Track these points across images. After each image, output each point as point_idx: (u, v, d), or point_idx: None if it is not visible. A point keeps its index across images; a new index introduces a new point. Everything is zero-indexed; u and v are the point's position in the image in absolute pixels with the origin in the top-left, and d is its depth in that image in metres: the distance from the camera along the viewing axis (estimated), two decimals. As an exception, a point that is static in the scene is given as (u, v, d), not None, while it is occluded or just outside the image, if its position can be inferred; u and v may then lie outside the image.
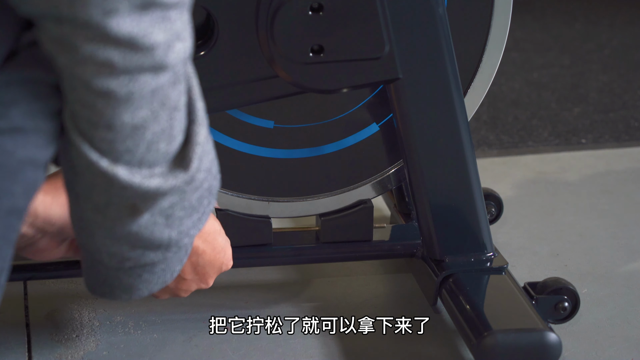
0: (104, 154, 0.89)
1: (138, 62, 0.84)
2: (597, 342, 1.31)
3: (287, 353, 1.28)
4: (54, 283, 1.42)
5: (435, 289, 1.30)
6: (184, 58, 0.88)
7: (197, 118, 0.94)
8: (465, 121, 1.27)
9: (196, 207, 0.99)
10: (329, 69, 1.24)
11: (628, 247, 1.55)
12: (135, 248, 0.98)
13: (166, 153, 0.92)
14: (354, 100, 1.32)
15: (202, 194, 0.98)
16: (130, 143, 0.89)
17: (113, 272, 1.02)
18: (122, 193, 0.92)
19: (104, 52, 0.82)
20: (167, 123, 0.90)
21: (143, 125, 0.88)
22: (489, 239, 1.31)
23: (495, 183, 1.73)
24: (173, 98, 0.89)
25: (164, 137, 0.90)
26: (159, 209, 0.95)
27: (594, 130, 2.02)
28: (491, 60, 1.31)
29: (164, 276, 1.05)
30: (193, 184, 0.96)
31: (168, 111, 0.89)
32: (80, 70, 0.83)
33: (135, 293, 1.06)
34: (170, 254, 1.01)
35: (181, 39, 0.86)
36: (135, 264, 1.01)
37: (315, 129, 1.33)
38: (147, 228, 0.96)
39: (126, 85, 0.85)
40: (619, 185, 1.75)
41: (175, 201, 0.96)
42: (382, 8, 1.21)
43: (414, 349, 1.29)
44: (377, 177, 1.36)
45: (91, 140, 0.88)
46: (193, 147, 0.94)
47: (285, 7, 1.20)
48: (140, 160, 0.90)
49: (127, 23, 0.82)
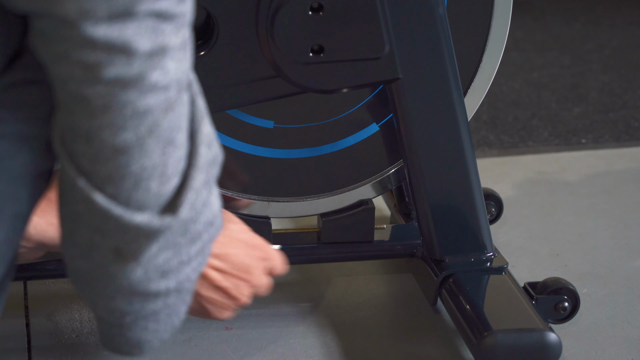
0: (85, 173, 0.84)
1: (117, 72, 0.79)
2: (597, 342, 1.31)
3: (287, 353, 1.28)
4: (54, 283, 1.42)
5: (435, 289, 1.30)
6: (178, 81, 0.82)
7: (197, 163, 0.87)
8: (465, 121, 1.27)
9: (196, 256, 0.93)
10: (329, 69, 1.24)
11: (628, 247, 1.55)
12: (132, 302, 0.92)
13: (158, 195, 0.85)
14: (354, 100, 1.32)
15: (203, 246, 0.93)
16: (113, 169, 0.83)
17: (117, 329, 0.96)
18: (103, 227, 0.85)
19: (78, 53, 0.78)
20: (159, 158, 0.83)
21: (127, 151, 0.82)
22: (489, 239, 1.31)
23: (495, 183, 1.73)
24: (165, 128, 0.83)
25: (155, 174, 0.84)
26: (153, 265, 0.89)
27: (594, 130, 2.02)
28: (491, 60, 1.31)
29: (171, 322, 0.98)
30: (187, 235, 0.90)
31: (159, 143, 0.83)
32: (57, 69, 0.80)
33: (145, 346, 0.98)
34: (171, 300, 0.95)
35: (175, 58, 0.81)
36: (137, 317, 0.94)
37: (316, 129, 1.33)
38: (140, 283, 0.90)
39: (103, 96, 0.79)
40: (619, 185, 1.75)
41: (169, 256, 0.90)
42: (382, 8, 1.21)
43: (414, 349, 1.29)
44: (377, 177, 1.36)
45: (73, 154, 0.84)
46: (185, 191, 0.87)
47: (285, 7, 1.20)
48: (127, 198, 0.84)
49: (104, 27, 0.77)
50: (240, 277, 1.11)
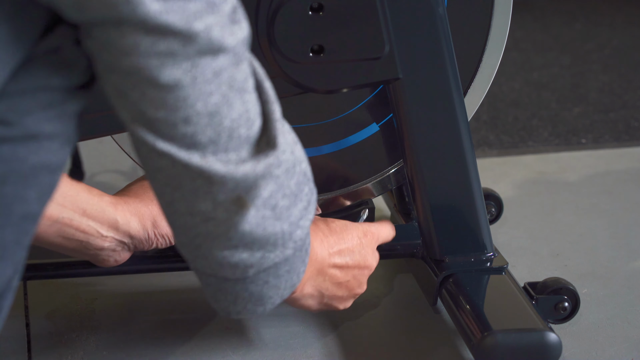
0: (191, 149, 0.91)
1: (196, 47, 0.85)
2: (597, 342, 1.31)
3: (287, 353, 1.28)
4: (54, 283, 1.42)
5: (435, 289, 1.30)
6: (242, 39, 0.89)
7: (269, 97, 0.96)
8: (465, 121, 1.27)
9: (297, 193, 1.00)
10: (329, 69, 1.24)
11: (628, 247, 1.55)
12: (253, 251, 1.00)
13: (248, 137, 0.93)
14: (354, 100, 1.32)
15: (299, 179, 1.00)
16: (211, 132, 0.90)
17: (241, 285, 1.03)
18: (223, 188, 0.93)
19: (164, 42, 0.84)
20: (241, 107, 0.91)
21: (218, 111, 0.90)
22: (489, 239, 1.31)
23: (495, 183, 1.73)
24: (239, 79, 0.91)
25: (242, 122, 0.92)
26: (262, 202, 0.97)
27: (594, 130, 2.02)
28: (491, 60, 1.31)
29: (290, 279, 1.06)
30: (283, 166, 0.97)
31: (238, 94, 0.91)
32: (145, 67, 0.85)
33: (268, 302, 1.06)
34: (288, 251, 1.02)
35: (235, 20, 0.88)
36: (259, 269, 1.02)
37: (315, 129, 1.33)
38: (258, 225, 0.98)
39: (189, 71, 0.86)
40: (619, 185, 1.75)
41: (273, 189, 0.97)
42: (382, 8, 1.21)
43: (414, 349, 1.29)
44: (377, 177, 1.36)
45: (175, 140, 0.90)
46: (273, 124, 0.95)
47: (285, 7, 1.21)
48: (225, 148, 0.92)
49: (175, 11, 0.84)
50: (360, 266, 1.22)
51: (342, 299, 1.22)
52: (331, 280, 1.20)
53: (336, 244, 1.20)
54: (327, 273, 1.19)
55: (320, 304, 1.20)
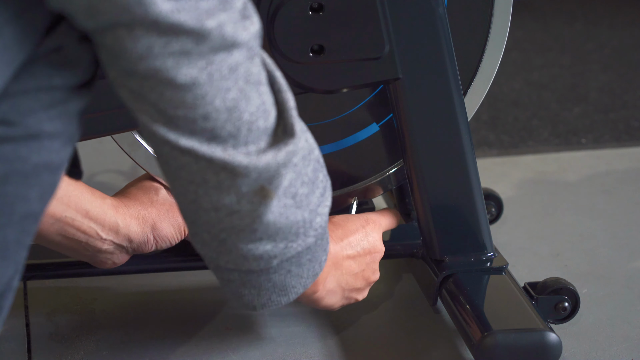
0: (212, 143, 0.92)
1: (210, 44, 0.86)
2: (597, 342, 1.31)
3: (287, 353, 1.28)
4: (54, 283, 1.42)
5: (435, 289, 1.30)
6: (254, 33, 0.90)
7: (281, 87, 0.97)
8: (465, 121, 1.27)
9: (314, 180, 1.02)
10: (329, 69, 1.24)
11: (628, 247, 1.55)
12: (277, 242, 1.01)
13: (265, 128, 0.94)
14: (354, 100, 1.32)
15: (315, 166, 1.01)
16: (231, 127, 0.91)
17: (264, 276, 1.04)
18: (246, 179, 0.94)
19: (177, 42, 0.85)
20: (258, 99, 0.93)
21: (236, 106, 0.91)
22: (489, 239, 1.31)
23: (495, 183, 1.73)
24: (255, 73, 0.91)
25: (260, 114, 0.93)
26: (283, 191, 0.98)
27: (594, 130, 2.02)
28: (491, 60, 1.31)
29: (313, 268, 1.07)
30: (300, 154, 0.98)
31: (254, 87, 0.92)
32: (161, 68, 0.86)
33: (291, 292, 1.07)
34: (310, 239, 1.04)
35: (246, 16, 0.89)
36: (282, 259, 1.03)
37: (315, 129, 1.33)
38: (281, 214, 0.99)
39: (205, 68, 0.87)
40: (619, 185, 1.75)
41: (292, 177, 0.98)
42: (382, 8, 1.21)
43: (414, 349, 1.29)
44: (377, 177, 1.36)
45: (195, 136, 0.91)
46: (289, 112, 0.96)
47: (285, 7, 1.21)
48: (245, 142, 0.93)
49: (188, 8, 0.84)
50: (370, 252, 1.25)
51: (360, 289, 1.24)
52: (348, 272, 1.22)
53: (344, 235, 1.22)
54: (343, 265, 1.21)
55: (342, 299, 1.22)
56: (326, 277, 1.17)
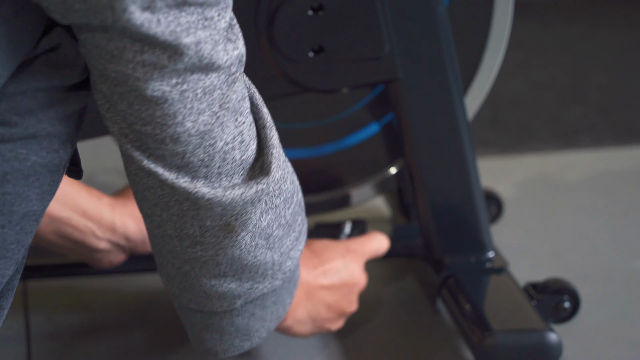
0: (181, 170, 0.88)
1: (184, 61, 0.83)
2: (597, 342, 1.31)
3: (287, 353, 1.28)
4: (54, 283, 1.42)
5: (435, 289, 1.30)
6: (236, 57, 0.87)
7: (266, 123, 0.93)
8: (465, 121, 1.27)
9: (291, 223, 0.98)
10: (329, 68, 1.24)
11: (628, 247, 1.55)
12: (242, 281, 0.97)
13: (242, 161, 0.91)
14: (354, 100, 1.32)
15: (295, 209, 0.98)
16: (203, 154, 0.88)
17: (227, 319, 1.01)
18: (210, 213, 0.91)
19: (150, 53, 0.82)
20: (235, 129, 0.89)
21: (210, 132, 0.87)
22: (489, 239, 1.31)
23: (495, 183, 1.73)
24: (233, 99, 0.88)
25: (236, 145, 0.89)
26: (258, 229, 0.94)
27: (594, 130, 2.02)
28: (491, 60, 1.31)
29: (277, 311, 1.04)
30: (282, 196, 0.95)
31: (232, 115, 0.88)
32: (131, 76, 0.83)
33: (254, 336, 1.04)
34: (277, 282, 1.00)
35: (229, 38, 0.86)
36: (246, 300, 1.00)
37: (316, 129, 1.33)
38: (249, 252, 0.95)
39: (178, 85, 0.84)
40: (619, 186, 1.75)
41: (271, 219, 0.95)
42: (382, 8, 1.21)
43: (414, 349, 1.29)
44: (377, 177, 1.36)
45: (163, 159, 0.88)
46: (270, 150, 0.93)
47: (285, 6, 1.20)
48: (219, 172, 0.90)
49: (164, 22, 0.81)
50: (347, 284, 1.19)
51: (332, 320, 1.19)
52: (321, 302, 1.17)
53: (320, 264, 1.17)
54: (316, 296, 1.16)
55: (313, 329, 1.17)
56: (296, 307, 1.13)
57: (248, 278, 0.97)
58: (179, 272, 0.97)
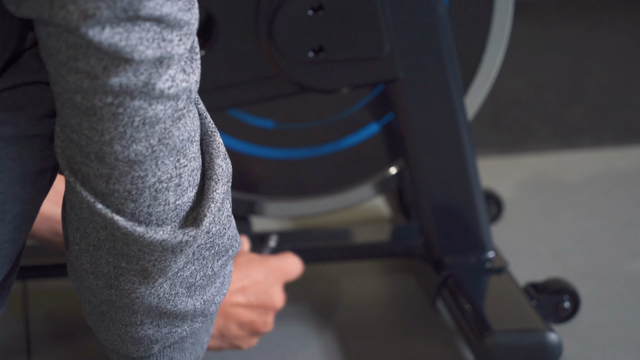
0: (102, 195, 0.82)
1: (123, 80, 0.77)
2: (597, 342, 1.31)
3: (287, 353, 1.28)
4: (54, 283, 1.42)
5: (435, 289, 1.30)
6: (183, 90, 0.80)
7: (216, 175, 0.86)
8: (465, 121, 1.27)
9: (218, 272, 0.92)
10: (329, 68, 1.24)
11: (628, 247, 1.55)
12: (160, 327, 0.91)
13: (176, 207, 0.84)
14: (355, 100, 1.32)
15: (226, 261, 0.92)
16: (130, 185, 0.81)
17: None
18: (127, 250, 0.85)
19: (83, 61, 0.76)
20: (173, 170, 0.83)
21: (141, 164, 0.81)
22: (489, 239, 1.31)
23: (495, 183, 1.73)
24: (176, 137, 0.81)
25: (171, 186, 0.83)
26: (179, 278, 0.88)
27: (594, 130, 2.02)
28: (491, 60, 1.31)
29: (195, 351, 0.97)
30: (214, 249, 0.89)
31: (172, 154, 0.82)
32: (63, 81, 0.79)
33: None
34: (196, 324, 0.94)
35: (182, 68, 0.80)
36: (164, 345, 0.94)
37: (316, 129, 1.33)
38: (168, 300, 0.89)
39: (111, 105, 0.78)
40: (619, 185, 1.75)
41: (196, 269, 0.89)
42: (382, 8, 1.21)
43: (414, 349, 1.29)
44: (377, 177, 1.36)
45: (88, 179, 0.82)
46: (207, 203, 0.85)
47: (286, 6, 1.20)
48: (148, 214, 0.83)
49: (108, 32, 0.75)
50: (264, 306, 1.16)
51: (244, 338, 1.16)
52: (234, 320, 1.14)
53: (240, 280, 1.14)
54: (229, 312, 1.14)
55: (221, 344, 1.15)
56: None
57: (167, 324, 0.91)
58: (95, 310, 0.91)
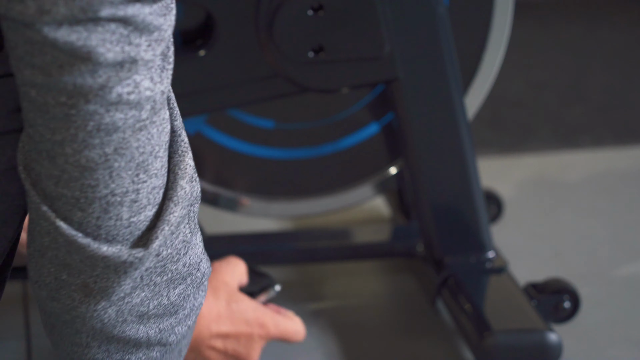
0: (50, 198, 0.77)
1: (79, 80, 0.73)
2: (597, 342, 1.31)
3: (287, 353, 1.28)
4: (53, 283, 1.42)
5: (435, 289, 1.30)
6: (152, 101, 0.76)
7: (177, 197, 0.80)
8: (465, 121, 1.27)
9: (178, 304, 0.85)
10: (329, 68, 1.24)
11: (628, 247, 1.55)
12: (110, 352, 0.84)
13: (131, 226, 0.79)
14: (355, 100, 1.32)
15: (188, 291, 0.85)
16: (79, 193, 0.76)
17: None
18: (69, 260, 0.79)
19: (39, 56, 0.73)
20: (130, 184, 0.77)
21: (93, 172, 0.76)
22: (489, 239, 1.31)
23: (495, 183, 1.73)
24: (135, 150, 0.76)
25: (126, 201, 0.77)
26: (127, 305, 0.81)
27: (594, 130, 2.02)
28: (491, 60, 1.31)
29: None
30: (166, 275, 0.82)
31: (130, 167, 0.77)
32: (20, 75, 0.75)
33: None
34: (154, 353, 0.86)
35: (148, 75, 0.75)
36: None
37: (316, 129, 1.33)
38: (114, 326, 0.82)
39: (64, 105, 0.73)
40: (619, 185, 1.75)
41: (147, 296, 0.82)
42: (382, 8, 1.21)
43: (414, 349, 1.29)
44: (377, 177, 1.35)
45: (38, 178, 0.78)
46: (161, 225, 0.80)
47: (286, 6, 1.20)
48: (97, 227, 0.77)
49: (66, 30, 0.71)
50: (238, 357, 1.13)
51: None
52: (204, 357, 1.11)
53: (225, 326, 1.11)
54: (203, 353, 1.11)
55: None
56: None
57: (117, 350, 0.84)
58: (47, 322, 0.85)
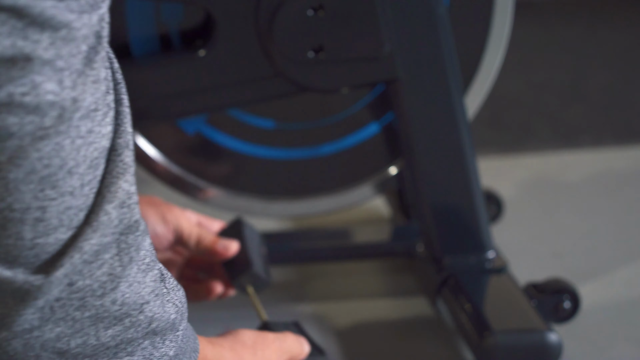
0: None
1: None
2: (597, 342, 1.31)
3: (287, 353, 1.28)
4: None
5: (435, 289, 1.30)
6: (59, 107, 0.67)
7: (97, 222, 0.72)
8: (465, 121, 1.27)
9: (122, 347, 0.77)
10: (329, 68, 1.24)
11: (628, 247, 1.55)
12: None
13: (34, 246, 0.70)
14: (355, 100, 1.32)
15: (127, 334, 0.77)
16: None
17: None
18: None
19: None
20: (32, 201, 0.68)
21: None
22: (489, 239, 1.31)
23: (495, 183, 1.73)
24: (37, 161, 0.68)
25: (28, 220, 0.68)
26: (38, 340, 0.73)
27: (594, 130, 2.02)
28: (491, 60, 1.31)
29: None
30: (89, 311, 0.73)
31: (30, 180, 0.68)
32: None
33: None
34: None
35: (52, 77, 0.66)
36: None
37: (316, 129, 1.33)
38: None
39: None
40: (619, 185, 1.75)
41: (67, 333, 0.74)
42: (382, 8, 1.21)
43: (414, 349, 1.29)
44: (377, 177, 1.35)
45: None
46: (71, 252, 0.71)
47: (286, 6, 1.20)
48: None
49: None
50: None
51: None
52: None
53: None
54: None
55: None
56: None
57: None
58: None
